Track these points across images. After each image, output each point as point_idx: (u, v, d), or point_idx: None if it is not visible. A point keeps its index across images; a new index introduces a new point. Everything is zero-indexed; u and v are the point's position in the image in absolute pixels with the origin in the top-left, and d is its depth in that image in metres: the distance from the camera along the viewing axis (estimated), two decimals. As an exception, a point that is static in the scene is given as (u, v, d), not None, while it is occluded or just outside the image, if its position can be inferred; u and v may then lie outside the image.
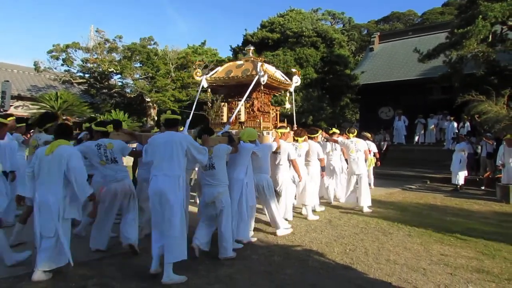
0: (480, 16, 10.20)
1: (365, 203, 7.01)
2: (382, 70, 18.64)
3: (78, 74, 18.51)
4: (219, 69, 7.63)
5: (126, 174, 4.53)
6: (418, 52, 12.73)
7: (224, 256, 4.28)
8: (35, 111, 14.49)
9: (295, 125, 7.78)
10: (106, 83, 18.61)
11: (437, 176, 11.64)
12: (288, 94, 7.96)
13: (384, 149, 14.85)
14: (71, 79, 18.30)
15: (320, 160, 6.69)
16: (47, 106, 13.69)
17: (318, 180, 6.78)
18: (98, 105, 18.47)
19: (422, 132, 16.01)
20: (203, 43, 24.57)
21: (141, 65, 19.15)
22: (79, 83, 19.09)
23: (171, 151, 3.81)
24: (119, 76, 19.14)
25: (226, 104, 7.23)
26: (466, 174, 10.09)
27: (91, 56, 18.03)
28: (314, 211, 6.65)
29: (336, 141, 7.50)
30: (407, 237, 5.26)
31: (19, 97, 16.97)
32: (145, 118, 19.53)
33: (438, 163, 12.60)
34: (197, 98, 8.06)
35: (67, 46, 17.57)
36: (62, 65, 18.03)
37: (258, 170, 5.24)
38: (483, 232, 5.59)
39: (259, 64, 6.55)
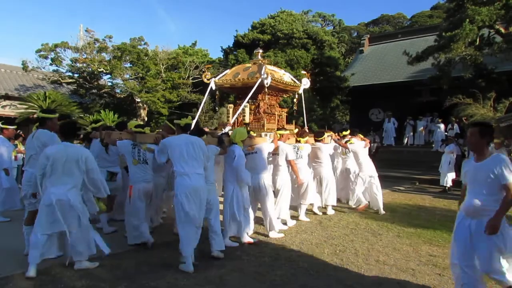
0: (468, 20, 10.36)
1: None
2: (372, 72, 18.81)
3: (67, 74, 18.23)
4: (228, 71, 7.82)
5: (153, 176, 4.85)
6: (407, 55, 12.88)
7: (217, 248, 4.38)
8: (22, 110, 14.22)
9: (306, 127, 7.88)
10: (96, 83, 18.39)
11: (426, 177, 11.79)
12: (296, 96, 8.03)
13: (374, 150, 14.98)
14: (60, 79, 18.02)
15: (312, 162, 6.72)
16: (35, 106, 13.44)
17: (331, 180, 6.79)
18: (87, 105, 18.22)
19: (411, 133, 16.20)
20: (194, 44, 24.47)
21: (131, 65, 18.96)
22: (68, 83, 18.80)
23: (195, 152, 4.11)
24: (109, 76, 18.91)
25: (232, 105, 7.31)
26: (454, 176, 10.24)
27: (81, 55, 17.80)
28: (313, 213, 6.71)
29: (346, 147, 7.26)
30: (397, 238, 5.30)
31: (6, 97, 16.66)
32: (135, 119, 19.35)
33: (427, 164, 12.76)
34: (205, 100, 8.27)
35: (56, 46, 17.31)
36: (51, 64, 17.78)
37: (254, 170, 5.28)
38: (470, 232, 5.67)
39: (263, 66, 6.67)
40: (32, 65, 17.38)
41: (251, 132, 6.09)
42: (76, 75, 18.23)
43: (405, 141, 16.18)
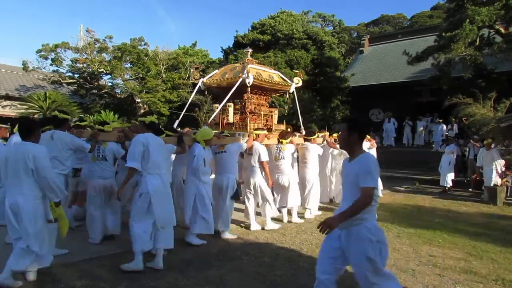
0: (468, 20, 10.36)
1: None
2: (372, 72, 18.81)
3: (68, 74, 18.26)
4: (216, 71, 7.79)
5: (113, 173, 4.91)
6: (407, 55, 12.88)
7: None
8: (23, 111, 14.25)
9: (301, 127, 7.81)
10: (96, 83, 18.40)
11: (426, 177, 11.78)
12: (287, 95, 7.98)
13: (374, 151, 14.97)
14: (60, 79, 18.04)
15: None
16: (36, 106, 13.47)
17: (315, 184, 6.54)
18: (87, 105, 18.25)
19: (410, 134, 16.20)
20: (194, 44, 24.48)
21: (131, 65, 18.98)
22: (68, 83, 18.83)
23: (166, 152, 4.20)
24: (109, 76, 18.92)
25: (218, 105, 7.26)
26: (454, 176, 10.24)
27: (81, 56, 17.82)
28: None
29: (336, 147, 7.17)
30: (397, 238, 5.30)
31: (7, 97, 16.69)
32: (135, 119, 19.35)
33: (427, 165, 12.76)
34: (190, 100, 8.16)
35: (56, 46, 17.34)
36: (51, 65, 17.81)
37: (220, 169, 5.35)
38: (471, 233, 5.68)
39: (246, 66, 6.64)
40: (33, 65, 17.42)
41: (225, 132, 6.11)
42: (76, 76, 18.25)
43: (405, 141, 16.18)
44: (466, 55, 11.46)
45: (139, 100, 18.50)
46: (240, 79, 6.64)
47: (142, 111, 19.09)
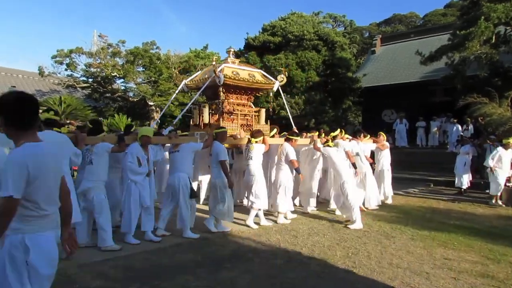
0: (483, 17, 10.15)
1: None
2: (384, 72, 18.60)
3: (82, 78, 18.64)
4: (199, 72, 7.87)
5: None
6: (420, 55, 12.69)
7: (100, 245, 4.53)
8: (39, 115, 14.59)
9: (294, 127, 7.69)
10: (109, 87, 18.70)
11: (441, 179, 11.55)
12: (271, 95, 7.90)
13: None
14: (75, 83, 18.43)
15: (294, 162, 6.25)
16: (52, 110, 13.76)
17: (287, 186, 6.22)
18: (101, 109, 18.59)
19: (423, 135, 15.94)
20: (205, 47, 24.60)
21: (143, 69, 19.23)
22: (82, 88, 19.21)
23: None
24: (122, 80, 19.23)
25: (206, 105, 7.26)
26: (471, 177, 9.99)
27: (94, 60, 18.14)
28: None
29: (318, 149, 6.71)
30: (410, 241, 5.22)
31: (23, 102, 17.07)
32: (148, 122, 19.59)
33: (441, 166, 12.51)
34: (173, 97, 9.19)
35: (71, 51, 17.70)
36: (66, 69, 18.19)
37: (172, 169, 5.36)
38: (488, 236, 5.53)
39: (217, 66, 6.66)
40: (48, 70, 17.81)
41: (178, 132, 6.13)
42: (90, 80, 18.60)
43: (418, 142, 15.93)
44: (482, 53, 11.21)
45: (151, 103, 18.72)
46: (209, 80, 6.67)
47: (155, 114, 19.33)
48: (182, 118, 17.78)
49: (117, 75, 18.18)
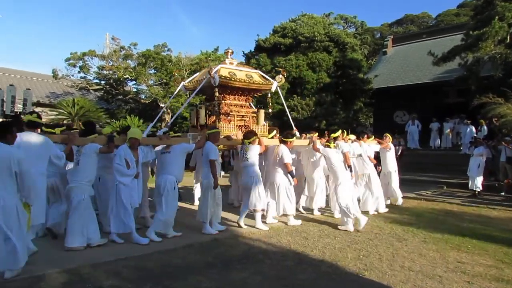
0: (497, 17, 10.01)
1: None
2: (396, 73, 18.43)
3: (94, 81, 18.95)
4: (197, 74, 7.93)
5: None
6: (433, 55, 12.55)
7: (69, 244, 4.55)
8: (53, 117, 14.87)
9: (294, 128, 7.66)
10: (121, 89, 18.96)
11: (454, 181, 11.37)
12: (269, 95, 7.81)
13: (399, 153, 14.61)
14: (88, 86, 18.75)
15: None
16: (65, 112, 14.03)
17: (288, 187, 6.12)
18: (113, 111, 18.84)
19: (437, 136, 15.72)
20: (216, 49, 24.72)
21: (155, 71, 19.43)
22: (95, 90, 19.54)
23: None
24: (134, 82, 19.48)
25: (203, 106, 7.28)
26: (484, 180, 9.81)
27: (107, 63, 18.43)
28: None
29: (318, 150, 6.59)
30: (423, 244, 5.16)
31: (38, 104, 17.42)
32: (160, 124, 19.78)
33: (455, 168, 12.31)
34: (172, 97, 9.45)
35: (84, 54, 18.01)
36: (79, 72, 18.49)
37: (162, 170, 5.36)
38: (502, 239, 5.43)
39: (212, 67, 6.73)
40: (62, 73, 18.17)
41: (170, 133, 6.10)
42: (103, 82, 18.90)
43: (431, 144, 15.72)
44: (496, 54, 11.03)
45: (163, 105, 18.90)
46: (204, 81, 6.68)
47: (166, 115, 19.50)
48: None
49: (129, 77, 18.43)
